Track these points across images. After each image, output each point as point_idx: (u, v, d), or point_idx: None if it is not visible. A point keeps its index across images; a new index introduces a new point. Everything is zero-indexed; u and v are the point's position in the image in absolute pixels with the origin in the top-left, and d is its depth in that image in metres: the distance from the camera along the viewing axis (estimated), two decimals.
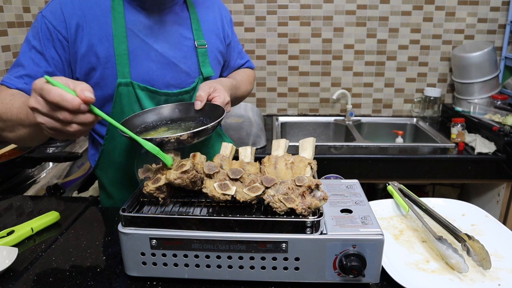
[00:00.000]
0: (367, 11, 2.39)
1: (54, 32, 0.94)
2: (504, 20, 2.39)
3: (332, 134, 2.48)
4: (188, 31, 1.07)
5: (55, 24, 0.94)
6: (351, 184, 0.86)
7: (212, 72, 1.11)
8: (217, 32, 1.14)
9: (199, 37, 1.08)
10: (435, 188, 2.44)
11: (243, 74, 1.28)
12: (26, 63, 0.95)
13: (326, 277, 0.68)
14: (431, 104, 2.42)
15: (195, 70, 1.08)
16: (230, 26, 1.22)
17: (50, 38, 0.94)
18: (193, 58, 1.07)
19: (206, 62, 1.09)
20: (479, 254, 0.73)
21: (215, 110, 0.95)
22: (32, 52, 0.95)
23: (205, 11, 1.12)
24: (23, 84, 0.93)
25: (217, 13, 1.16)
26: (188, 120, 0.99)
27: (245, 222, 0.67)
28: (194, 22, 1.08)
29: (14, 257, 0.75)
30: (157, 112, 0.99)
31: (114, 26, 0.97)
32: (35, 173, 1.43)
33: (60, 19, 0.94)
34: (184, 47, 1.06)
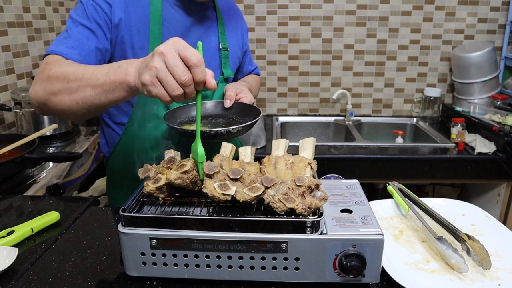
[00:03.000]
0: (367, 11, 2.39)
1: (101, 13, 0.98)
2: (504, 20, 2.39)
3: (332, 134, 2.48)
4: (214, 34, 1.17)
5: (102, 7, 0.98)
6: (351, 184, 0.86)
7: (232, 74, 1.21)
8: (237, 39, 1.25)
9: (223, 40, 1.18)
10: (435, 188, 2.44)
11: (253, 80, 1.39)
12: (76, 36, 0.95)
13: (326, 277, 0.68)
14: (431, 104, 2.42)
15: (217, 70, 1.17)
16: (247, 35, 1.33)
17: (98, 17, 0.98)
18: (216, 59, 1.17)
19: (227, 64, 1.19)
20: (479, 254, 0.73)
21: (245, 108, 1.06)
22: (80, 28, 0.96)
23: (229, 18, 1.22)
24: (77, 55, 0.92)
25: (238, 23, 1.28)
26: (218, 117, 1.08)
27: (245, 222, 0.67)
28: (221, 27, 1.18)
29: (14, 257, 0.75)
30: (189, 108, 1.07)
31: (151, 21, 1.03)
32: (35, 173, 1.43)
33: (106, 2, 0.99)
34: (211, 48, 1.15)
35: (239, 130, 0.93)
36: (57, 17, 2.17)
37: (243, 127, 0.94)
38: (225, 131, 0.90)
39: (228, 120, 1.07)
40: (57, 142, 1.76)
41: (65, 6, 2.26)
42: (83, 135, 1.88)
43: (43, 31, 2.04)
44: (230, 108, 1.07)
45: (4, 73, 1.75)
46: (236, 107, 1.08)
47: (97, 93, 0.80)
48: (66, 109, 0.86)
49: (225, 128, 0.91)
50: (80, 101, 0.83)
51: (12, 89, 1.77)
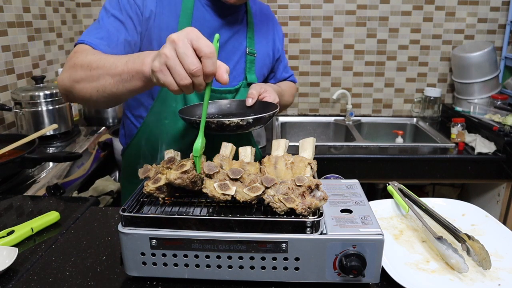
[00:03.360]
0: (367, 11, 2.39)
1: (133, 6, 1.00)
2: (504, 20, 2.39)
3: (332, 134, 2.48)
4: (243, 38, 1.16)
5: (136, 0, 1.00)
6: (351, 184, 0.85)
7: (256, 80, 1.19)
8: (267, 46, 1.23)
9: (251, 46, 1.17)
10: (435, 188, 2.44)
11: (287, 86, 1.37)
12: (106, 27, 0.97)
13: (326, 277, 0.68)
14: (431, 104, 2.42)
15: (241, 74, 1.16)
16: (282, 43, 1.31)
17: (129, 10, 0.99)
18: (241, 63, 1.16)
19: (252, 69, 1.18)
20: (479, 254, 0.73)
21: (265, 107, 1.03)
22: (111, 19, 0.98)
23: (261, 24, 1.21)
24: (105, 46, 0.94)
25: (271, 29, 1.25)
26: (239, 115, 1.06)
27: (245, 222, 0.67)
28: (250, 31, 1.17)
29: (14, 257, 0.75)
30: (211, 105, 1.07)
31: (181, 19, 1.04)
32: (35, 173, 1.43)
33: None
34: (237, 51, 1.14)
35: (249, 122, 0.91)
36: (57, 17, 2.17)
37: (253, 120, 0.91)
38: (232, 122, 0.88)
39: None
40: (57, 142, 1.76)
41: (65, 6, 2.26)
42: (83, 135, 1.88)
43: (43, 31, 2.04)
44: (252, 106, 1.06)
45: (4, 73, 1.75)
46: (258, 106, 1.06)
47: (116, 81, 0.81)
48: (88, 97, 0.88)
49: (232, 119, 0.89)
50: (100, 89, 0.85)
51: (12, 89, 1.77)
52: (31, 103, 1.69)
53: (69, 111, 1.83)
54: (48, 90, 1.73)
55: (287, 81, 1.40)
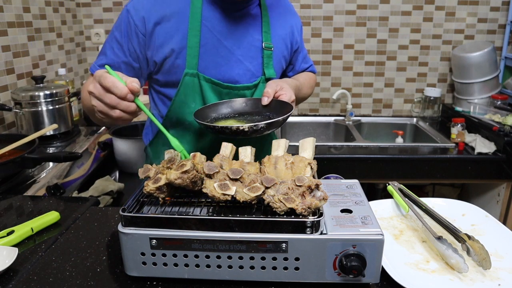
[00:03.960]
0: (367, 11, 2.39)
1: (133, 27, 1.02)
2: (504, 20, 2.39)
3: (332, 134, 2.48)
4: (258, 33, 1.12)
5: (135, 19, 1.02)
6: (351, 184, 0.85)
7: (274, 74, 1.16)
8: (285, 38, 1.19)
9: (267, 40, 1.13)
10: (435, 188, 2.44)
11: (306, 77, 1.33)
12: (108, 52, 1.05)
13: (326, 277, 0.68)
14: (431, 104, 2.42)
15: (258, 70, 1.14)
16: (300, 33, 1.27)
17: (130, 32, 1.02)
18: (258, 58, 1.13)
19: (270, 64, 1.15)
20: (479, 254, 0.73)
21: (281, 106, 1.02)
22: (113, 42, 1.05)
23: (277, 16, 1.17)
24: None
25: (289, 20, 1.21)
26: (255, 114, 1.06)
27: (245, 222, 0.67)
28: (265, 25, 1.14)
29: (14, 257, 0.75)
30: (226, 105, 1.07)
31: (190, 19, 1.03)
32: (35, 173, 1.43)
33: (140, 15, 1.02)
34: (253, 47, 1.11)
35: (262, 127, 0.90)
36: (57, 17, 2.17)
37: (266, 124, 0.90)
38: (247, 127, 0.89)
39: (265, 118, 1.03)
40: (57, 142, 1.76)
41: (65, 6, 2.26)
42: (83, 135, 1.88)
43: (43, 31, 2.04)
44: (268, 105, 1.04)
45: (4, 73, 1.75)
46: (273, 105, 1.05)
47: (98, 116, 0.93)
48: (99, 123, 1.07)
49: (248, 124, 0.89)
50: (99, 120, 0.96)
51: (12, 89, 1.77)
52: (31, 103, 1.69)
53: (69, 111, 1.83)
54: (48, 90, 1.73)
55: (306, 72, 1.36)
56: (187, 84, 1.06)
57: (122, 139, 1.81)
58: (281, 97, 1.05)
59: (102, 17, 2.46)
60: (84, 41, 2.50)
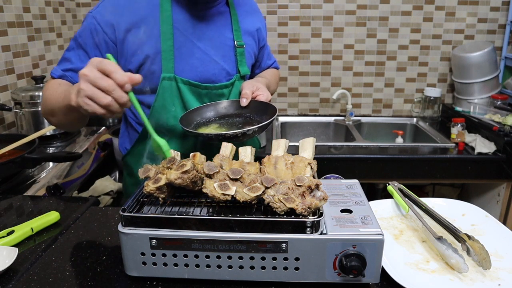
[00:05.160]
0: (367, 11, 2.39)
1: (101, 33, 1.00)
2: (504, 20, 2.39)
3: (332, 134, 2.48)
4: (229, 32, 1.14)
5: (103, 26, 1.01)
6: (351, 184, 0.86)
7: (248, 71, 1.18)
8: (253, 35, 1.21)
9: (239, 38, 1.15)
10: (435, 188, 2.44)
11: (272, 74, 1.37)
12: (73, 58, 1.03)
13: (326, 277, 0.68)
14: (431, 104, 2.42)
15: (233, 68, 1.15)
16: (265, 30, 1.29)
17: (96, 38, 1.01)
18: (232, 57, 1.14)
19: (243, 61, 1.16)
20: (479, 254, 0.73)
21: (262, 107, 1.05)
22: (79, 50, 1.03)
23: (244, 14, 1.19)
24: (68, 77, 1.03)
25: (255, 17, 1.24)
26: (235, 116, 1.08)
27: (245, 222, 0.67)
28: (235, 24, 1.15)
29: (14, 257, 0.75)
30: (207, 109, 1.08)
31: (161, 24, 1.03)
32: (35, 173, 1.43)
33: (108, 23, 1.01)
34: (226, 46, 1.13)
35: (254, 131, 0.93)
36: (57, 17, 2.17)
37: (258, 128, 0.93)
38: (240, 133, 0.90)
39: (245, 119, 1.05)
40: (57, 142, 1.76)
41: (65, 6, 2.26)
42: (83, 135, 1.88)
43: (43, 31, 2.04)
44: (247, 106, 1.06)
45: (4, 73, 1.75)
46: (252, 106, 1.07)
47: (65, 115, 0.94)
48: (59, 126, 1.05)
49: (241, 130, 0.91)
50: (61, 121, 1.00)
51: (12, 89, 1.77)
52: (31, 103, 1.69)
53: None
54: None
55: (270, 68, 1.39)
56: (165, 89, 1.05)
57: None
58: (259, 98, 1.08)
59: None
60: None
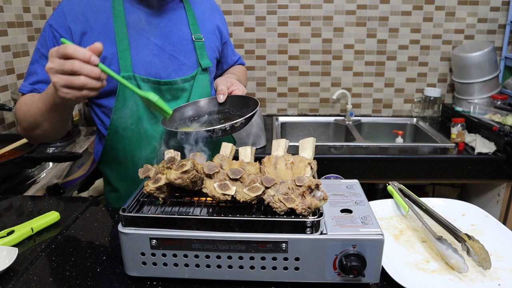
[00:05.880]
0: (367, 11, 2.39)
1: (59, 40, 1.00)
2: (504, 20, 2.39)
3: (332, 134, 2.48)
4: (185, 26, 1.14)
5: (60, 32, 1.01)
6: (351, 184, 0.86)
7: (210, 63, 1.17)
8: (213, 29, 1.21)
9: (196, 31, 1.15)
10: (435, 188, 2.44)
11: (240, 70, 1.38)
12: (38, 70, 1.03)
13: (326, 277, 0.68)
14: (431, 104, 2.42)
15: (194, 62, 1.14)
16: (225, 25, 1.30)
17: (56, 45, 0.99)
18: (191, 51, 1.14)
19: (204, 54, 1.16)
20: (479, 254, 0.73)
21: (240, 101, 1.05)
22: (42, 60, 1.03)
23: (200, 9, 1.20)
24: (38, 90, 1.03)
25: (212, 12, 1.24)
26: (214, 113, 1.08)
27: (245, 222, 0.67)
28: (191, 18, 1.15)
29: (14, 257, 0.75)
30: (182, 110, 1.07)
31: (115, 25, 1.03)
32: (35, 173, 1.43)
33: (65, 27, 1.02)
34: (184, 40, 1.12)
35: (242, 123, 0.92)
36: None
37: (245, 120, 0.92)
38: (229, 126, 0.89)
39: (225, 115, 1.06)
40: (57, 142, 1.76)
41: None
42: (83, 135, 1.88)
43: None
44: (224, 103, 1.07)
45: (4, 73, 1.75)
46: (230, 101, 1.07)
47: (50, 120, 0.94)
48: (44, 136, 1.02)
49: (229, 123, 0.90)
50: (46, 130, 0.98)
51: (12, 89, 1.77)
52: None
53: None
54: None
55: (237, 65, 1.41)
56: (125, 88, 1.03)
57: None
58: (235, 92, 1.08)
59: None
60: None
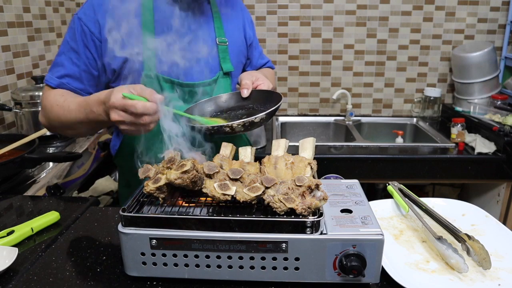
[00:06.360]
0: (367, 11, 2.39)
1: (88, 33, 1.02)
2: (504, 20, 2.39)
3: (332, 134, 2.48)
4: (210, 28, 1.13)
5: (89, 26, 1.02)
6: (351, 184, 0.85)
7: (232, 68, 1.16)
8: (239, 32, 1.21)
9: (221, 35, 1.15)
10: (435, 188, 2.44)
11: (268, 72, 1.36)
12: (65, 63, 1.04)
13: (326, 277, 0.68)
14: (431, 104, 2.42)
15: (216, 65, 1.14)
16: (252, 28, 1.28)
17: (85, 39, 1.02)
18: (214, 54, 1.14)
19: (227, 58, 1.15)
20: (479, 254, 0.73)
21: (264, 96, 1.01)
22: (70, 53, 1.04)
23: (227, 10, 1.19)
24: (66, 85, 1.05)
25: (240, 14, 1.23)
26: (237, 109, 1.04)
27: (245, 222, 0.67)
28: (217, 21, 1.15)
29: (14, 257, 0.75)
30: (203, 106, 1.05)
31: (143, 22, 1.04)
32: (35, 173, 1.43)
33: (94, 21, 1.02)
34: (207, 43, 1.12)
35: (262, 118, 0.87)
36: (57, 17, 2.17)
37: (266, 115, 0.88)
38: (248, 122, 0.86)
39: (248, 110, 1.02)
40: (57, 142, 1.76)
41: (65, 6, 2.26)
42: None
43: (43, 31, 2.04)
44: (248, 97, 1.03)
45: (4, 73, 1.75)
46: (254, 96, 1.03)
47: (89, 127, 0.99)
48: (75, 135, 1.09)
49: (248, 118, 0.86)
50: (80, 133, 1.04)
51: (12, 89, 1.77)
52: (31, 103, 1.69)
53: None
54: None
55: (265, 67, 1.38)
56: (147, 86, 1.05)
57: None
58: (260, 87, 1.05)
59: None
60: None
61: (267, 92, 1.02)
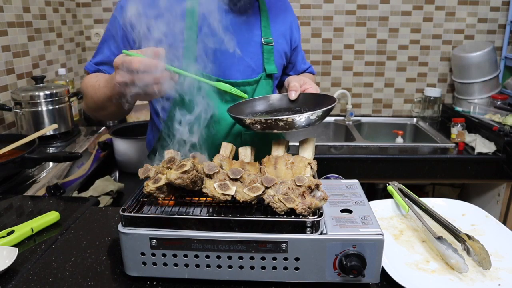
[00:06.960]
0: (367, 11, 2.39)
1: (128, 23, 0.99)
2: (504, 20, 2.39)
3: (332, 134, 2.48)
4: (257, 28, 1.11)
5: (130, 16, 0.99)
6: (351, 184, 0.85)
7: (276, 70, 1.14)
8: (285, 34, 1.18)
9: (267, 35, 1.12)
10: (435, 188, 2.44)
11: (311, 78, 1.33)
12: (105, 50, 1.07)
13: (326, 277, 0.68)
14: (431, 104, 2.42)
15: (259, 66, 1.12)
16: (298, 30, 1.26)
17: (125, 28, 1.02)
18: (258, 54, 1.11)
19: (271, 59, 1.13)
20: (479, 254, 0.73)
21: (311, 99, 0.99)
22: (110, 40, 1.06)
23: (276, 12, 1.16)
24: (102, 71, 1.07)
25: (288, 17, 1.20)
26: (284, 111, 1.02)
27: (245, 222, 0.67)
28: (264, 20, 1.12)
29: (14, 257, 0.75)
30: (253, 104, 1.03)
31: (187, 16, 1.02)
32: (35, 173, 1.43)
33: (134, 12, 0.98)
34: (252, 42, 1.10)
35: (318, 116, 0.85)
36: (57, 17, 2.17)
37: (322, 112, 0.85)
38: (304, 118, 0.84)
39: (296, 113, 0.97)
40: (57, 142, 1.76)
41: (65, 6, 2.26)
42: (83, 135, 1.88)
43: (43, 31, 2.04)
44: (295, 100, 1.01)
45: (4, 73, 1.75)
46: (302, 99, 1.01)
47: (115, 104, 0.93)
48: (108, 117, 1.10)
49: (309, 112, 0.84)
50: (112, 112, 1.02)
51: (12, 89, 1.77)
52: (31, 103, 1.69)
53: (69, 111, 1.83)
54: (48, 90, 1.73)
55: (307, 73, 1.36)
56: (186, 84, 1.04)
57: (122, 139, 1.81)
58: (308, 90, 1.03)
59: (102, 17, 2.46)
60: (84, 41, 2.50)
61: (317, 95, 1.00)
